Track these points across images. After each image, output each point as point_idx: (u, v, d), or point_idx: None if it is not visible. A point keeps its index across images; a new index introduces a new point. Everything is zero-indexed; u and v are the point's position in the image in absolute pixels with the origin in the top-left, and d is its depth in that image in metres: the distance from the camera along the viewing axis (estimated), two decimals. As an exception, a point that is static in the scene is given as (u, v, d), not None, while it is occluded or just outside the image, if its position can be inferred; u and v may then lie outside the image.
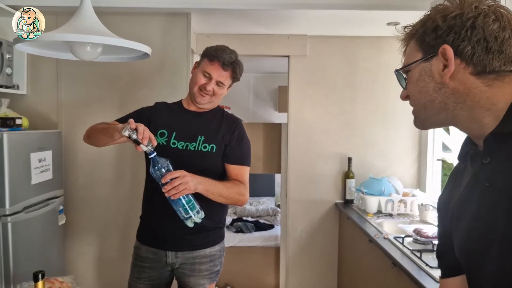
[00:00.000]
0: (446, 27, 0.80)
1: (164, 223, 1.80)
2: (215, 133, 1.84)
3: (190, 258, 1.83)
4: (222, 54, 1.78)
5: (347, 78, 3.29)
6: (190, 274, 1.84)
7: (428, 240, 2.06)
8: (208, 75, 1.78)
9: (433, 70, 0.82)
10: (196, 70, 1.83)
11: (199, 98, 1.81)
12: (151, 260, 1.85)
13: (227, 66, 1.78)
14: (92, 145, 1.85)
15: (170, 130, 1.82)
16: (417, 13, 2.60)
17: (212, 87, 1.78)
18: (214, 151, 1.81)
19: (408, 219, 2.77)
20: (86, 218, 2.75)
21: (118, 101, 2.69)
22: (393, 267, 1.93)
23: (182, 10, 2.62)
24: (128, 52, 1.60)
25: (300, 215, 3.37)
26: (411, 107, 0.94)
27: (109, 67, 2.62)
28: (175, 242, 1.82)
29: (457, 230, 0.84)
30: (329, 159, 3.33)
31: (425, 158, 3.23)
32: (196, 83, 1.80)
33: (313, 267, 3.38)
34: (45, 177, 2.35)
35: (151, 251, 1.85)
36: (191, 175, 1.61)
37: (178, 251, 1.82)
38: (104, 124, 1.81)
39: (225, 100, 5.50)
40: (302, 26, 3.03)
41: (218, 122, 1.87)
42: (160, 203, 1.71)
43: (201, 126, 1.84)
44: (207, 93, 1.79)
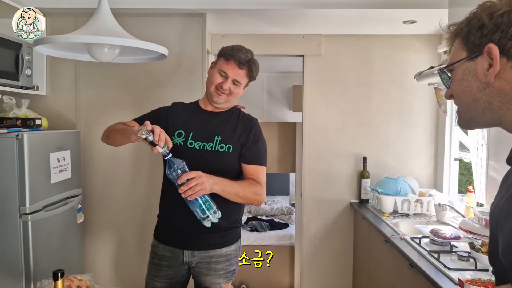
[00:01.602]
0: (492, 25, 0.77)
1: (181, 223, 1.81)
2: (232, 133, 1.83)
3: (206, 257, 1.83)
4: (238, 53, 1.78)
5: (362, 77, 3.27)
6: (206, 273, 1.85)
7: (446, 241, 2.03)
8: (225, 74, 1.78)
9: (477, 69, 0.80)
10: (213, 69, 1.84)
11: (216, 97, 1.81)
12: (168, 259, 1.86)
13: (243, 65, 1.79)
14: (109, 145, 1.88)
15: (187, 130, 1.82)
16: (434, 10, 2.58)
17: (228, 85, 1.78)
18: (231, 151, 1.80)
19: (424, 219, 2.75)
20: (104, 216, 2.79)
21: (135, 101, 2.73)
22: (410, 268, 1.91)
23: (198, 11, 2.64)
24: (145, 53, 1.62)
25: (315, 215, 3.36)
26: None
27: (127, 68, 2.65)
28: (192, 241, 1.83)
29: (500, 237, 0.81)
30: (344, 159, 3.31)
31: (442, 158, 3.19)
32: (213, 82, 1.80)
33: (328, 267, 3.38)
34: (64, 176, 2.39)
35: (168, 249, 1.86)
36: (207, 176, 1.62)
37: (194, 250, 1.82)
38: (121, 124, 1.83)
39: (240, 100, 5.52)
40: (316, 25, 3.02)
41: (234, 122, 1.87)
42: (177, 203, 1.73)
43: (218, 126, 1.84)
44: (224, 92, 1.79)
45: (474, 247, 1.76)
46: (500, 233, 0.80)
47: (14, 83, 2.33)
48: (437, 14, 2.62)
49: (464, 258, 1.82)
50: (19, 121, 2.28)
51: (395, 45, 3.23)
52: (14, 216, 2.05)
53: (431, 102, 3.25)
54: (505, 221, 0.79)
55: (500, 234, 0.80)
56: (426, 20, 2.81)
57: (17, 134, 2.05)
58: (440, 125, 3.23)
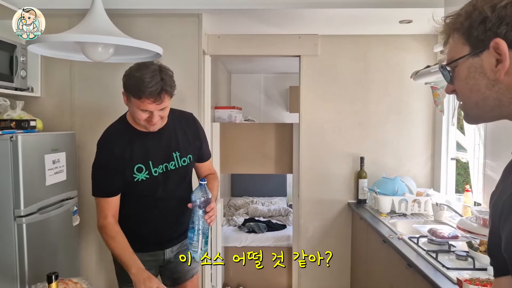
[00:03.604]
0: (496, 18, 0.73)
1: (159, 231, 1.86)
2: (186, 142, 1.82)
3: (182, 246, 1.93)
4: (146, 88, 1.54)
5: (359, 77, 3.27)
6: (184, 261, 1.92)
7: (444, 240, 2.03)
8: (146, 110, 1.61)
9: (484, 66, 0.76)
10: (130, 105, 1.64)
11: (152, 128, 1.68)
12: (149, 262, 1.83)
13: (159, 95, 1.58)
14: None
15: (145, 161, 1.72)
16: (430, 10, 2.58)
17: (157, 118, 1.64)
18: (191, 160, 1.85)
19: (422, 219, 2.74)
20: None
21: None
22: (408, 268, 1.90)
23: (193, 11, 2.62)
24: (140, 53, 1.61)
25: (313, 215, 3.35)
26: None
27: (122, 69, 2.60)
28: (170, 240, 1.90)
29: (504, 229, 0.79)
30: (341, 159, 3.31)
31: (439, 157, 3.19)
32: (140, 119, 1.64)
33: (326, 267, 3.36)
34: (59, 178, 2.37)
35: (149, 254, 1.86)
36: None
37: (173, 245, 1.91)
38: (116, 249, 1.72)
39: (237, 101, 5.53)
40: (313, 25, 3.02)
41: (181, 130, 1.82)
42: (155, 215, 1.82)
43: (170, 143, 1.78)
44: (155, 122, 1.65)
45: (472, 246, 1.76)
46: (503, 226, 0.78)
47: (8, 85, 2.30)
48: (434, 14, 2.63)
49: (462, 258, 1.81)
50: (14, 123, 2.25)
51: (392, 45, 3.23)
52: (9, 219, 2.03)
53: (428, 102, 3.24)
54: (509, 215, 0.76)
55: (504, 227, 0.78)
56: (422, 20, 2.81)
57: (11, 136, 2.03)
58: (437, 124, 3.23)
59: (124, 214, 1.82)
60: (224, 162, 3.61)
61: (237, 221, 4.33)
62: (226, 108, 3.93)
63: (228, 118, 3.86)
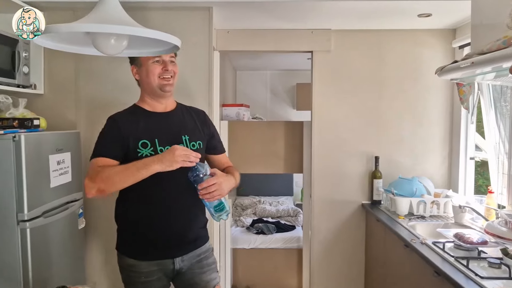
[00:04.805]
0: None
1: (167, 233, 1.72)
2: (195, 128, 1.81)
3: (195, 257, 1.79)
4: None
5: (373, 73, 3.15)
6: (202, 271, 1.80)
7: (473, 246, 1.91)
8: (159, 58, 1.71)
9: None
10: (142, 67, 1.74)
11: (167, 87, 1.73)
12: (157, 272, 1.74)
13: None
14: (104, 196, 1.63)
15: (151, 138, 1.69)
16: (453, 3, 2.46)
17: (171, 67, 1.73)
18: (201, 147, 1.79)
19: (442, 221, 2.63)
20: (107, 221, 2.65)
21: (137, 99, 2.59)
22: (436, 276, 1.79)
23: (204, 4, 2.51)
24: (155, 45, 1.49)
25: (325, 216, 3.24)
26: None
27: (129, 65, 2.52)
28: (180, 247, 1.76)
29: None
30: (355, 158, 3.19)
31: (457, 157, 3.07)
32: (154, 73, 1.71)
33: (338, 271, 3.25)
34: (64, 180, 2.26)
35: (155, 263, 1.74)
36: (225, 179, 1.63)
37: (184, 254, 1.76)
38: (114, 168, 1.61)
39: (243, 99, 5.42)
40: (326, 19, 2.90)
41: (190, 117, 1.85)
42: (161, 212, 1.70)
43: (179, 126, 1.77)
44: (169, 74, 1.73)
45: (508, 254, 1.64)
46: None
47: (10, 81, 2.19)
48: (455, 7, 2.51)
49: (495, 265, 1.70)
50: (16, 122, 2.14)
51: (408, 40, 3.11)
52: (12, 224, 1.92)
53: (445, 99, 3.13)
54: None
55: None
56: (442, 13, 2.69)
57: (14, 136, 1.92)
58: (455, 123, 3.11)
59: (126, 211, 1.77)
60: (233, 161, 3.41)
61: (245, 221, 4.22)
62: (234, 106, 3.81)
63: (236, 116, 3.74)
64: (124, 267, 1.78)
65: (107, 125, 1.74)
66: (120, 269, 1.81)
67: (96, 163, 1.64)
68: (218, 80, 2.97)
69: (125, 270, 1.78)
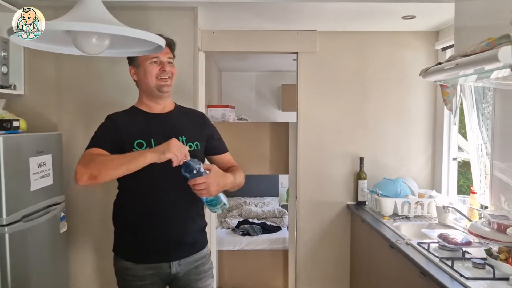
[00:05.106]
0: None
1: (164, 234, 1.70)
2: (193, 129, 1.81)
3: (193, 262, 1.77)
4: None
5: (358, 75, 3.16)
6: (198, 278, 1.78)
7: (458, 247, 1.93)
8: (157, 59, 1.71)
9: None
10: (140, 68, 1.73)
11: (164, 87, 1.73)
12: (152, 276, 1.71)
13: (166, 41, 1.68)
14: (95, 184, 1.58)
15: (147, 138, 1.68)
16: (437, 5, 2.48)
17: (168, 68, 1.73)
18: (199, 148, 1.78)
19: (426, 221, 2.65)
20: (90, 224, 2.61)
21: (122, 100, 2.54)
22: (422, 277, 1.80)
23: (188, 4, 2.48)
24: (138, 46, 1.46)
25: (310, 217, 3.24)
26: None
27: (112, 65, 2.48)
28: (178, 250, 1.73)
29: None
30: (340, 159, 3.20)
31: (440, 157, 3.11)
32: (151, 74, 1.71)
33: (324, 271, 3.25)
34: (45, 183, 2.21)
35: (151, 267, 1.71)
36: (217, 179, 1.60)
37: (181, 258, 1.74)
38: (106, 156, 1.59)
39: (228, 100, 5.39)
40: (312, 21, 2.90)
41: (188, 118, 1.85)
42: (158, 212, 1.68)
43: (176, 126, 1.77)
44: (167, 75, 1.73)
45: (492, 254, 1.66)
46: None
47: (-12, 82, 2.13)
48: (438, 9, 2.54)
49: (479, 266, 1.71)
50: (-5, 123, 2.08)
51: (392, 42, 3.14)
52: (-10, 229, 1.86)
53: (429, 101, 3.16)
54: None
55: None
56: (426, 15, 2.72)
57: (-8, 138, 1.86)
58: (438, 124, 3.14)
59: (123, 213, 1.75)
60: (218, 163, 3.47)
61: (230, 223, 4.20)
62: (220, 107, 3.78)
63: (221, 117, 3.72)
64: (120, 270, 1.76)
65: (105, 123, 1.75)
66: (116, 272, 1.79)
67: (90, 152, 1.63)
68: (203, 81, 2.94)
69: (121, 274, 1.76)
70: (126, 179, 1.61)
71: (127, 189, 1.74)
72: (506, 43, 1.47)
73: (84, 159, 1.58)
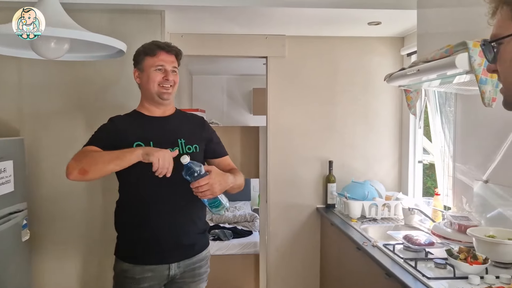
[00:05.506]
0: None
1: (165, 235, 1.73)
2: (192, 133, 1.84)
3: (190, 265, 1.79)
4: (158, 43, 1.80)
5: (327, 79, 3.21)
6: (191, 281, 1.81)
7: (421, 247, 1.98)
8: (161, 67, 1.75)
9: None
10: (143, 73, 1.77)
11: (165, 94, 1.76)
12: (149, 279, 1.72)
13: (171, 50, 1.79)
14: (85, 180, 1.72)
15: (146, 140, 1.72)
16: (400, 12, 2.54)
17: (172, 77, 1.77)
18: (198, 151, 1.81)
19: (393, 223, 2.71)
20: (54, 232, 2.54)
21: (88, 105, 2.49)
22: (387, 278, 1.83)
23: (155, 7, 2.45)
24: (99, 50, 1.43)
25: (281, 221, 3.25)
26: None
27: (79, 69, 2.42)
28: (178, 252, 1.76)
29: None
30: (310, 163, 3.23)
31: (406, 160, 3.18)
32: (154, 80, 1.75)
33: (294, 274, 3.27)
34: (5, 190, 2.13)
35: (149, 268, 1.72)
36: (220, 178, 1.63)
37: (181, 260, 1.76)
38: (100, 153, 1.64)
39: (199, 103, 5.35)
40: (280, 25, 2.93)
41: (188, 122, 1.89)
42: (155, 213, 1.70)
43: (176, 130, 1.81)
44: (169, 83, 1.77)
45: (452, 255, 1.71)
46: None
47: None
48: (403, 16, 2.60)
49: (441, 266, 1.76)
50: (-49, 128, 2.00)
51: (359, 47, 3.19)
52: None
53: (395, 105, 3.24)
54: None
55: None
56: (391, 22, 2.79)
57: None
58: (404, 127, 3.22)
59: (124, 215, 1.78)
60: (188, 167, 3.44)
61: (201, 228, 4.16)
62: (190, 111, 3.74)
63: (191, 121, 3.68)
64: (118, 272, 1.77)
65: (105, 124, 1.80)
66: (114, 276, 1.80)
67: (85, 148, 1.68)
68: (172, 85, 2.91)
69: (119, 276, 1.77)
70: (125, 181, 1.73)
71: (126, 191, 1.78)
72: (462, 50, 1.53)
73: (78, 154, 1.64)
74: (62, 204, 2.52)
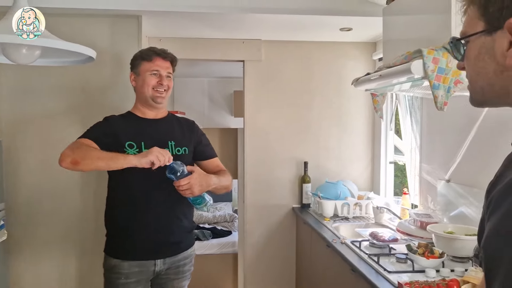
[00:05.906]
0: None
1: (152, 232, 1.80)
2: (182, 136, 1.92)
3: (175, 262, 1.87)
4: (155, 49, 1.89)
5: (302, 83, 3.30)
6: (175, 277, 1.88)
7: (385, 243, 2.08)
8: (157, 72, 1.84)
9: (495, 48, 0.67)
10: (139, 76, 1.87)
11: (159, 98, 1.85)
12: (136, 274, 1.79)
13: (167, 56, 1.88)
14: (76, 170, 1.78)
15: (137, 140, 1.82)
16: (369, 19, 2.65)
17: (166, 82, 1.85)
18: (187, 153, 1.89)
19: (363, 222, 2.81)
20: (32, 232, 2.56)
21: (66, 107, 2.54)
22: (353, 273, 1.92)
23: (132, 12, 2.51)
24: (70, 56, 1.49)
25: (257, 221, 3.33)
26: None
27: (56, 72, 2.46)
28: (164, 249, 1.83)
29: (488, 222, 0.69)
30: (286, 164, 3.32)
31: (378, 161, 3.29)
32: (149, 84, 1.83)
33: (271, 273, 3.35)
34: (-18, 191, 2.16)
35: (136, 264, 1.80)
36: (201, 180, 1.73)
37: (167, 257, 1.83)
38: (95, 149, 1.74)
39: (180, 105, 5.39)
40: (256, 30, 3.01)
41: (179, 126, 1.96)
42: (143, 210, 1.78)
43: (167, 132, 1.90)
44: (163, 88, 1.85)
45: (412, 249, 1.81)
46: (488, 218, 0.70)
47: None
48: (373, 22, 2.71)
49: (402, 260, 1.86)
50: None
51: (333, 51, 3.30)
52: None
53: (368, 108, 3.34)
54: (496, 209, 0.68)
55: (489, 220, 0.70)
56: (362, 28, 2.89)
57: None
58: (376, 129, 3.33)
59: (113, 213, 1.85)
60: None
61: (181, 228, 4.22)
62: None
63: (171, 123, 3.74)
64: (107, 268, 1.84)
65: (101, 122, 1.88)
66: (104, 273, 1.86)
67: (80, 140, 1.76)
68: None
69: (107, 272, 1.84)
70: (113, 180, 1.83)
71: (115, 190, 1.86)
72: (418, 57, 1.63)
73: (72, 144, 1.72)
74: (41, 205, 2.55)
